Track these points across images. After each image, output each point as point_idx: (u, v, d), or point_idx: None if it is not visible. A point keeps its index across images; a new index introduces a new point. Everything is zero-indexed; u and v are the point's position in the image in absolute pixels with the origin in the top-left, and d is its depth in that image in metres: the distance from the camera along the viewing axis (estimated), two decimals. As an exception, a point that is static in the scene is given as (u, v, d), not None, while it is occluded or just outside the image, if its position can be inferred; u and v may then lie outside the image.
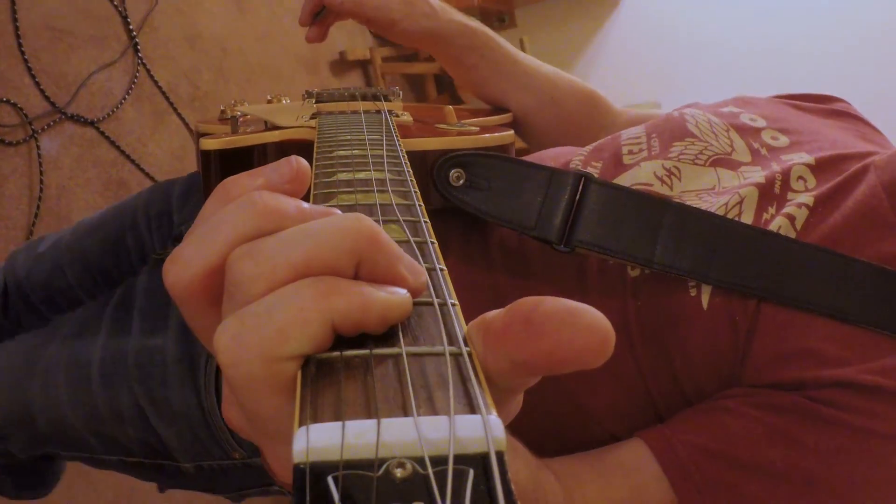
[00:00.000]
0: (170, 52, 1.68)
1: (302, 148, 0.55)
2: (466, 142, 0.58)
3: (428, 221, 0.30)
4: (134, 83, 1.58)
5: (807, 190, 0.56)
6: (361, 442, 0.18)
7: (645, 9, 2.54)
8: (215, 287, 0.24)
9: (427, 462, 0.17)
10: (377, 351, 0.21)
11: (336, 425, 0.18)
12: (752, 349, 0.50)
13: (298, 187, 0.27)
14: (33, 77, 1.43)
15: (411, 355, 0.21)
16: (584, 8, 2.64)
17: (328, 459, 0.17)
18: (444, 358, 0.21)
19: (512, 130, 0.65)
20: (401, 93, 0.73)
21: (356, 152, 0.41)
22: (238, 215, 0.24)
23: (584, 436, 0.56)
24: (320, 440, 0.18)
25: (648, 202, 0.55)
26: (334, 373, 0.21)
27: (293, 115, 0.61)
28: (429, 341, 0.22)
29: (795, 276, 0.51)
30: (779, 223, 0.53)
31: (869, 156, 0.58)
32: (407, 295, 0.22)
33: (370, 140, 0.45)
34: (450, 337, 0.22)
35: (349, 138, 0.46)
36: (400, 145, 0.44)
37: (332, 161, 0.39)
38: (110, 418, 0.72)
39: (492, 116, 0.77)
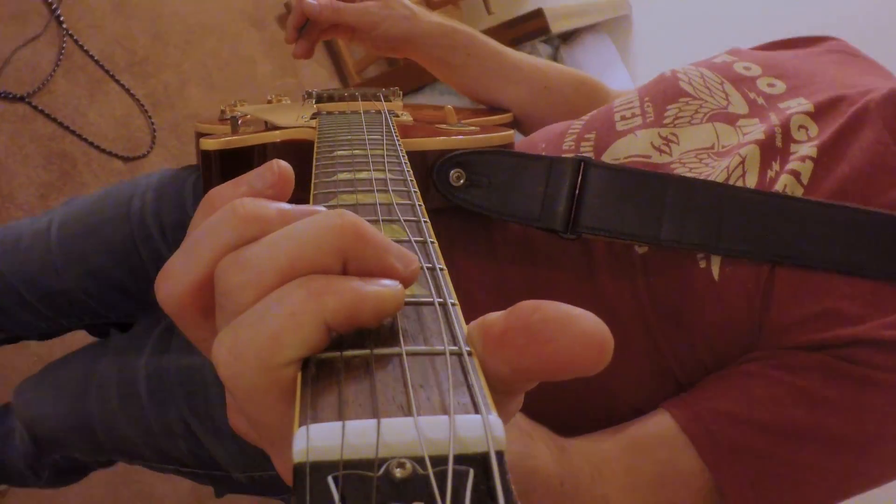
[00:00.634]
0: (97, 21, 1.63)
1: (302, 148, 0.55)
2: (466, 142, 0.58)
3: (428, 221, 0.30)
4: (62, 55, 1.54)
5: (809, 139, 0.55)
6: (361, 442, 0.18)
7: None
8: (207, 299, 0.24)
9: (427, 462, 0.17)
10: (377, 351, 0.21)
11: (336, 425, 0.18)
12: (769, 316, 0.50)
13: (282, 191, 0.26)
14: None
15: (411, 355, 0.21)
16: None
17: (328, 459, 0.17)
18: (445, 358, 0.21)
19: (512, 130, 0.65)
20: (401, 93, 0.73)
21: (356, 152, 0.41)
22: (220, 226, 0.24)
23: (608, 412, 0.55)
24: (320, 440, 0.18)
25: (650, 179, 0.55)
26: (334, 373, 0.21)
27: (293, 115, 0.61)
28: (429, 341, 0.22)
29: (807, 236, 0.50)
30: (784, 181, 0.52)
31: (869, 92, 0.57)
32: (398, 286, 0.22)
33: (370, 140, 0.45)
34: (450, 336, 0.22)
35: (349, 138, 0.46)
36: (400, 145, 0.44)
37: (333, 161, 0.39)
38: (162, 433, 0.72)
39: (491, 116, 0.77)
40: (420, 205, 0.32)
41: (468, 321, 0.23)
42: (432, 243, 0.28)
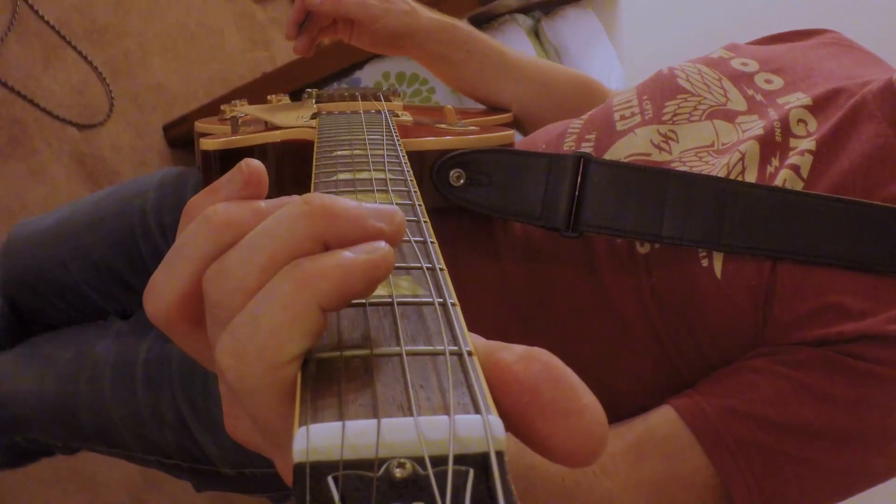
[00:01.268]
0: (54, -14, 1.59)
1: (302, 148, 0.55)
2: (466, 142, 0.58)
3: (428, 221, 0.30)
4: (14, 20, 1.49)
5: (808, 134, 0.55)
6: (362, 442, 0.18)
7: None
8: (194, 310, 0.25)
9: (427, 462, 0.17)
10: (377, 351, 0.21)
11: (336, 425, 0.18)
12: (773, 313, 0.50)
13: (255, 190, 0.26)
14: None
15: (411, 355, 0.21)
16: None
17: (328, 459, 0.17)
18: (445, 357, 0.21)
19: (512, 130, 0.65)
20: (401, 93, 0.73)
21: (356, 152, 0.41)
22: (197, 236, 0.24)
23: (612, 410, 0.55)
24: (320, 440, 0.18)
25: (650, 175, 0.54)
26: (334, 373, 0.21)
27: (293, 115, 0.61)
28: (429, 341, 0.22)
29: (809, 230, 0.50)
30: (784, 176, 0.52)
31: (866, 84, 0.57)
32: (384, 248, 0.22)
33: (370, 140, 0.45)
34: (450, 336, 0.22)
35: (349, 138, 0.46)
36: (400, 145, 0.44)
37: (333, 161, 0.39)
38: (151, 420, 0.72)
39: (491, 116, 0.77)
40: (420, 205, 0.32)
41: (471, 322, 0.23)
42: (432, 243, 0.28)
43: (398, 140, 0.46)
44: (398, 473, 0.17)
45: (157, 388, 0.71)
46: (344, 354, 0.21)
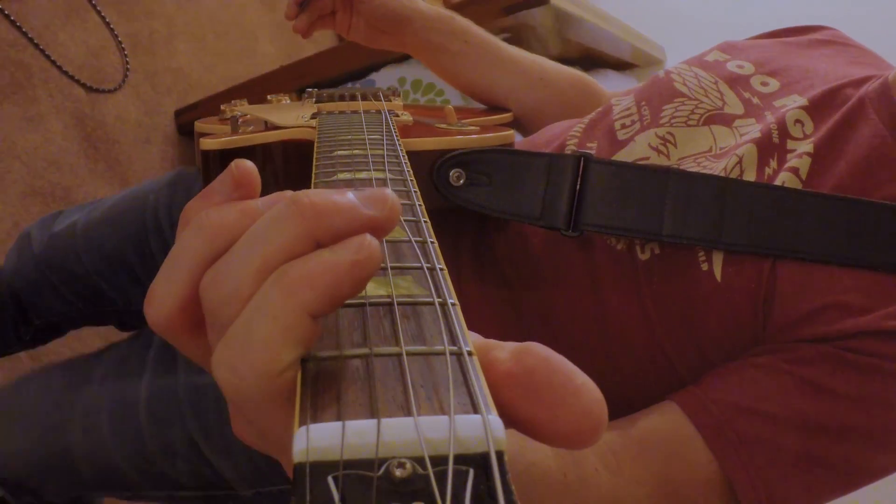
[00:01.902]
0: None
1: (302, 148, 0.55)
2: (466, 142, 0.58)
3: (428, 221, 0.30)
4: None
5: (805, 136, 0.55)
6: (362, 442, 0.18)
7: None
8: (193, 317, 0.24)
9: (427, 462, 0.17)
10: (377, 350, 0.21)
11: (336, 425, 0.18)
12: (774, 314, 0.50)
13: (247, 191, 0.26)
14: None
15: (411, 355, 0.21)
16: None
17: (328, 459, 0.17)
18: (445, 357, 0.21)
19: (512, 130, 0.65)
20: (401, 93, 0.73)
21: (356, 152, 0.41)
22: (190, 243, 0.24)
23: (616, 416, 0.55)
24: (320, 440, 0.18)
25: (650, 173, 0.54)
26: (334, 373, 0.21)
27: (293, 115, 0.61)
28: (429, 341, 0.22)
29: (808, 229, 0.50)
30: (783, 178, 0.53)
31: (863, 82, 0.57)
32: (371, 243, 0.21)
33: (370, 140, 0.45)
34: (450, 336, 0.22)
35: (349, 138, 0.46)
36: (400, 145, 0.44)
37: (333, 161, 0.39)
38: (159, 454, 0.71)
39: (491, 116, 0.77)
40: (420, 205, 0.32)
41: (473, 324, 0.23)
42: (432, 243, 0.28)
43: (398, 140, 0.46)
44: (398, 473, 0.17)
45: (166, 423, 0.70)
46: (344, 354, 0.21)
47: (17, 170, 1.35)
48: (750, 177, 0.54)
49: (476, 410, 0.19)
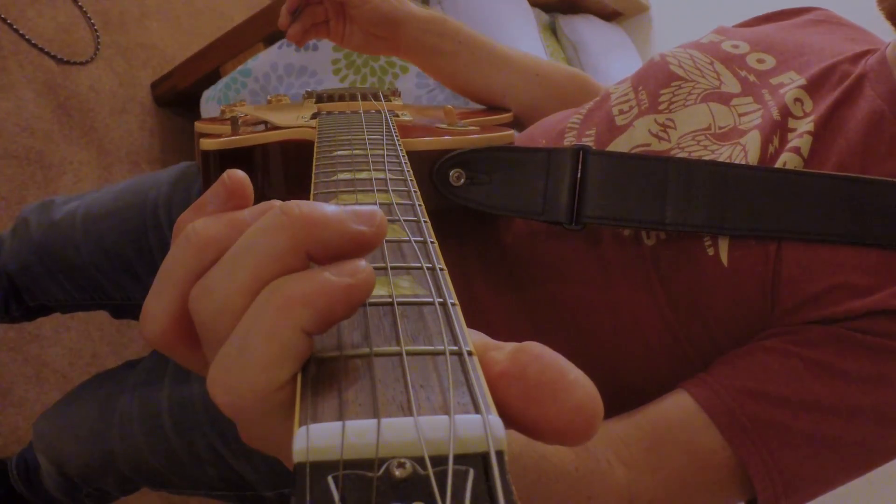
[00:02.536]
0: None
1: (302, 148, 0.55)
2: (466, 141, 0.58)
3: (428, 221, 0.30)
4: None
5: (805, 115, 0.55)
6: (361, 442, 0.18)
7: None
8: (188, 330, 0.24)
9: (427, 462, 0.17)
10: (377, 350, 0.21)
11: (336, 425, 0.18)
12: (780, 296, 0.50)
13: (240, 201, 0.26)
14: None
15: (411, 354, 0.21)
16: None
17: (328, 459, 0.17)
18: (445, 357, 0.21)
19: (512, 130, 0.65)
20: (401, 92, 0.73)
21: (356, 152, 0.41)
22: (179, 257, 0.24)
23: (630, 405, 0.55)
24: (320, 440, 0.18)
25: (650, 163, 0.54)
26: (334, 373, 0.21)
27: (293, 115, 0.61)
28: (429, 341, 0.22)
29: (811, 209, 0.50)
30: (785, 158, 0.53)
31: (859, 57, 0.57)
32: (366, 268, 0.21)
33: (370, 140, 0.45)
34: (450, 336, 0.22)
35: (349, 138, 0.46)
36: (400, 145, 0.44)
37: (333, 161, 0.39)
38: (189, 460, 0.72)
39: (491, 116, 0.77)
40: (420, 205, 0.32)
41: (482, 324, 0.23)
42: (432, 243, 0.28)
43: (398, 140, 0.46)
44: (398, 473, 0.17)
45: (188, 432, 0.72)
46: (344, 354, 0.21)
47: (-10, 134, 1.33)
48: (753, 160, 0.54)
49: (476, 410, 0.19)
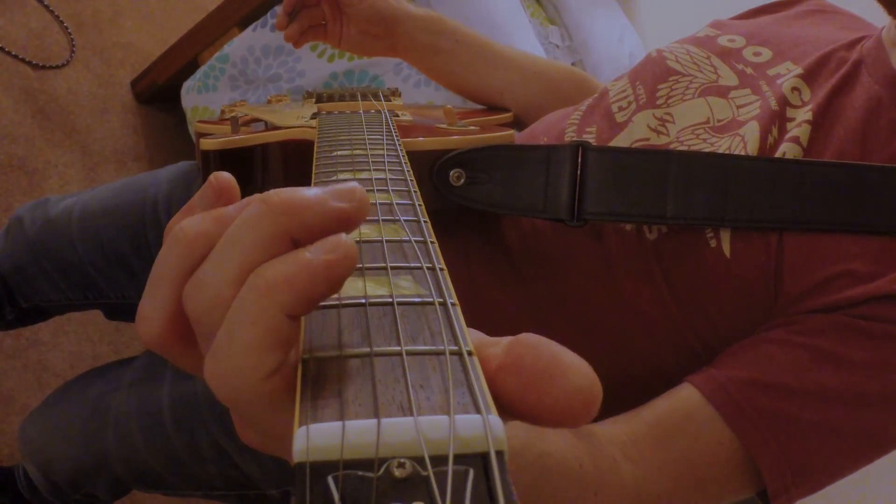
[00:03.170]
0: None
1: (302, 148, 0.55)
2: (466, 141, 0.58)
3: (428, 221, 0.30)
4: None
5: (803, 103, 0.55)
6: (361, 441, 0.18)
7: None
8: (184, 330, 0.24)
9: (427, 462, 0.17)
10: (377, 350, 0.21)
11: (336, 425, 0.18)
12: (783, 286, 0.50)
13: (228, 201, 0.26)
14: None
15: (411, 354, 0.21)
16: None
17: (328, 459, 0.17)
18: (445, 357, 0.21)
19: (512, 130, 0.65)
20: (401, 93, 0.73)
21: (356, 152, 0.41)
22: (170, 256, 0.24)
23: (637, 400, 0.55)
24: (320, 440, 0.18)
25: (649, 157, 0.54)
26: (335, 372, 0.21)
27: (293, 115, 0.61)
28: (429, 341, 0.22)
29: (812, 198, 0.50)
30: (785, 149, 0.53)
31: (854, 44, 0.57)
32: (346, 242, 0.21)
33: (370, 140, 0.45)
34: (450, 336, 0.22)
35: (349, 138, 0.46)
36: (400, 145, 0.44)
37: (333, 161, 0.39)
38: (190, 459, 0.72)
39: (491, 116, 0.77)
40: (420, 205, 0.32)
41: (487, 322, 0.23)
42: (432, 243, 0.28)
43: (398, 140, 0.46)
44: (398, 473, 0.17)
45: (190, 428, 0.71)
46: (344, 354, 0.21)
47: (-29, 144, 1.32)
48: (752, 150, 0.54)
49: (476, 410, 0.19)
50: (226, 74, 1.35)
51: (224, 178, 0.26)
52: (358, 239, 0.28)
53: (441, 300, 0.24)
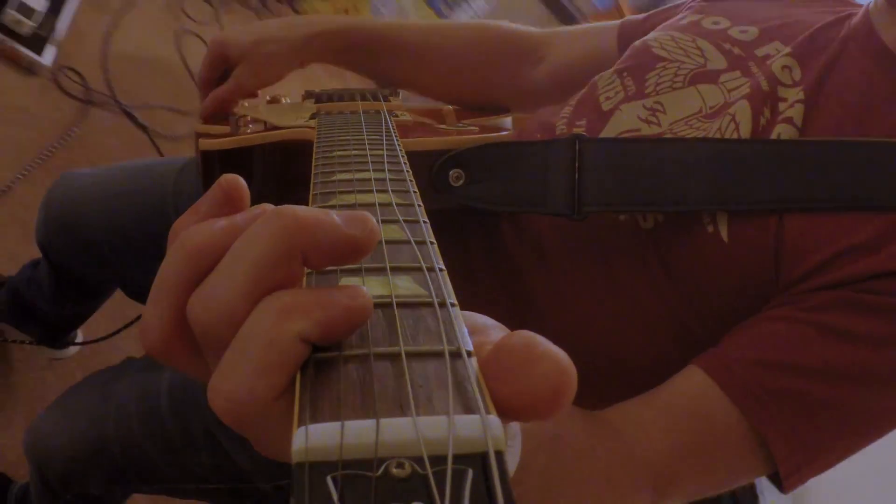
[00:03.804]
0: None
1: (302, 148, 0.55)
2: (465, 141, 0.58)
3: (427, 221, 0.30)
4: None
5: (794, 83, 0.55)
6: (360, 442, 0.18)
7: None
8: (187, 338, 0.24)
9: (426, 462, 0.17)
10: (376, 350, 0.21)
11: (335, 425, 0.18)
12: (784, 268, 0.49)
13: (236, 205, 0.26)
14: None
15: (410, 355, 0.21)
16: None
17: (327, 459, 0.17)
18: (444, 358, 0.21)
19: (511, 130, 0.65)
20: (401, 93, 0.73)
21: (356, 152, 0.41)
22: (173, 265, 0.24)
23: (642, 389, 0.54)
24: (319, 440, 0.18)
25: (645, 145, 0.54)
26: (333, 373, 0.21)
27: (293, 115, 0.61)
28: (428, 341, 0.22)
29: (811, 178, 0.49)
30: (779, 130, 0.52)
31: (843, 21, 0.57)
32: (366, 294, 0.22)
33: (370, 140, 0.45)
34: (449, 337, 0.22)
35: (349, 138, 0.46)
36: (399, 145, 0.44)
37: (332, 161, 0.39)
38: (183, 446, 0.72)
39: (491, 116, 0.77)
40: (420, 205, 0.32)
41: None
42: (432, 244, 0.28)
43: (397, 140, 0.46)
44: (397, 473, 0.17)
45: (185, 413, 0.71)
46: (343, 354, 0.21)
47: None
48: (746, 127, 0.53)
49: (475, 410, 0.19)
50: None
51: (233, 181, 0.26)
52: None
53: (440, 300, 0.24)
